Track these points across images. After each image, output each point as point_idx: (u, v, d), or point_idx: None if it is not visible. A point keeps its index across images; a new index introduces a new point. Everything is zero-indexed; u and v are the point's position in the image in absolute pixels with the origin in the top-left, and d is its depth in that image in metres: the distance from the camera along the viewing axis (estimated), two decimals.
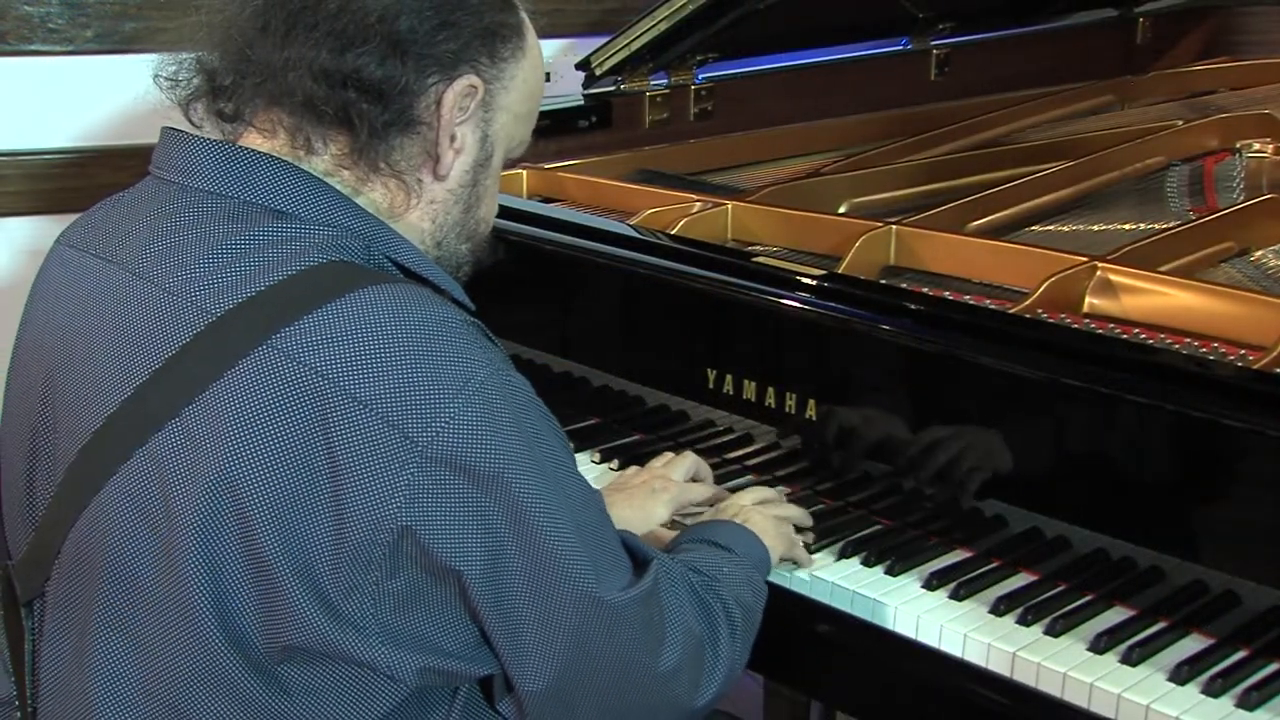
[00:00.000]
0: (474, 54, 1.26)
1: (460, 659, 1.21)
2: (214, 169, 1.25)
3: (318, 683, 1.17)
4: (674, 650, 1.28)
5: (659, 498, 1.61)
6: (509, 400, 1.16)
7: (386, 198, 1.27)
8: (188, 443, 1.15)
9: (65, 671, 1.24)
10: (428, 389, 1.12)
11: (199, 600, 1.14)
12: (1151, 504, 1.43)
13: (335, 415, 1.12)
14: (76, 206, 1.43)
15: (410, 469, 1.11)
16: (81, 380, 1.24)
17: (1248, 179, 2.15)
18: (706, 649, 1.33)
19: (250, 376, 1.14)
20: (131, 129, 2.80)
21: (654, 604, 1.27)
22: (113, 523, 1.19)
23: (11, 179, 2.73)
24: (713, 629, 1.34)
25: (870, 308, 1.62)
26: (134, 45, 2.72)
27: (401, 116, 1.23)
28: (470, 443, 1.13)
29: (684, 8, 2.23)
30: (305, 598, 1.13)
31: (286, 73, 1.21)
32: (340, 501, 1.12)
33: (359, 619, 1.14)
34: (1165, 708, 1.30)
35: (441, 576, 1.16)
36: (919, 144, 2.40)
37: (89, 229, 1.35)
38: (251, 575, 1.14)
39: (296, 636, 1.14)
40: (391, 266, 1.24)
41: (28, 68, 2.70)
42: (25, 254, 2.75)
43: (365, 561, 1.13)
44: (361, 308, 1.15)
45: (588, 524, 1.22)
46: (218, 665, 1.15)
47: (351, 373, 1.12)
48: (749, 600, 1.41)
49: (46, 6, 2.69)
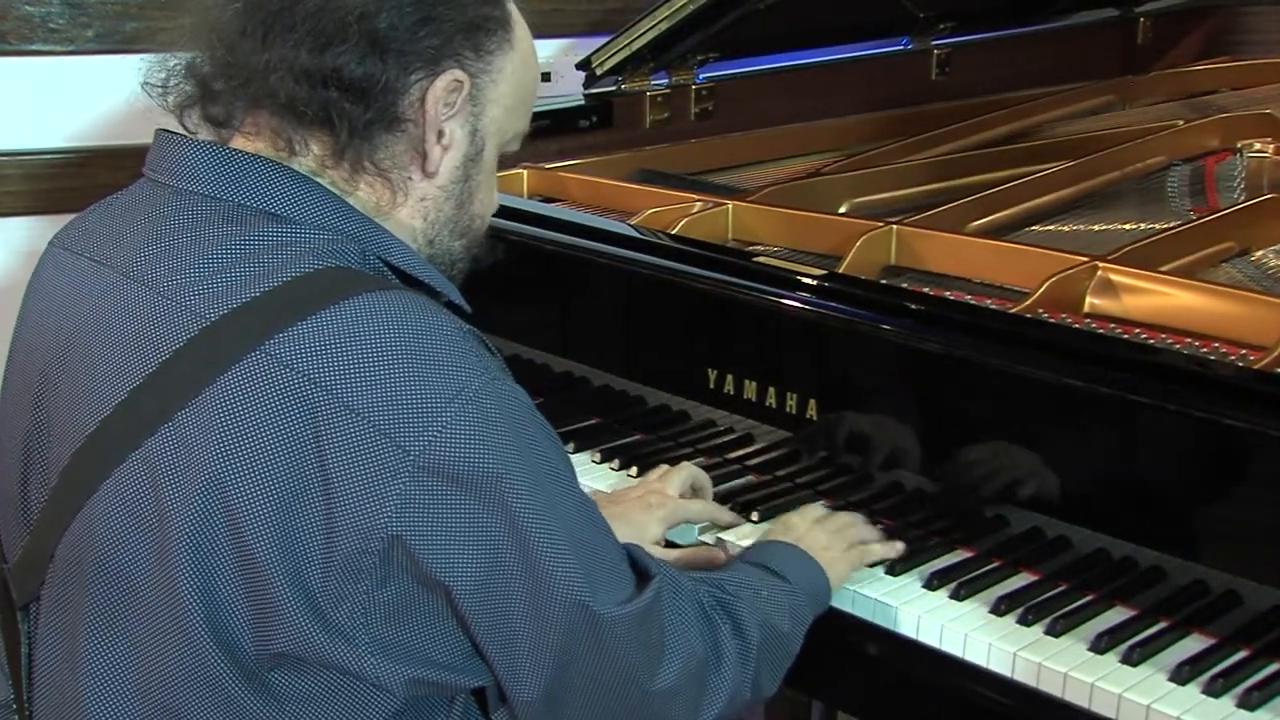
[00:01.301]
0: (458, 48, 1.24)
1: (451, 670, 1.20)
2: (208, 172, 1.24)
3: (309, 691, 1.17)
4: (672, 669, 1.26)
5: (653, 514, 1.59)
6: (504, 410, 1.15)
7: (373, 197, 1.26)
8: (180, 446, 1.15)
9: (59, 674, 1.24)
10: (421, 397, 1.12)
11: (190, 604, 1.14)
12: (1152, 504, 1.43)
13: (327, 423, 1.11)
14: (76, 207, 1.42)
15: (402, 478, 1.11)
16: (75, 383, 1.24)
17: (1249, 179, 2.15)
18: (710, 670, 1.30)
19: (243, 382, 1.13)
20: (131, 129, 2.78)
21: (653, 620, 1.25)
22: (106, 526, 1.19)
23: (12, 179, 2.72)
24: (717, 650, 1.31)
25: (871, 308, 1.62)
26: (135, 45, 2.71)
27: (384, 115, 1.22)
28: (463, 452, 1.12)
29: (684, 8, 2.23)
30: (296, 604, 1.12)
31: (268, 75, 1.20)
32: (331, 509, 1.11)
33: (348, 628, 1.14)
34: (1166, 708, 1.30)
35: (432, 586, 1.15)
36: (920, 144, 2.40)
37: (83, 231, 1.34)
38: (242, 580, 1.14)
39: (287, 643, 1.14)
40: (387, 270, 1.24)
41: (28, 68, 2.69)
42: (25, 254, 2.74)
43: (355, 570, 1.12)
44: (356, 315, 1.14)
45: (583, 536, 1.21)
46: (208, 670, 1.15)
47: (345, 380, 1.12)
48: (781, 627, 1.38)
49: (47, 6, 2.69)
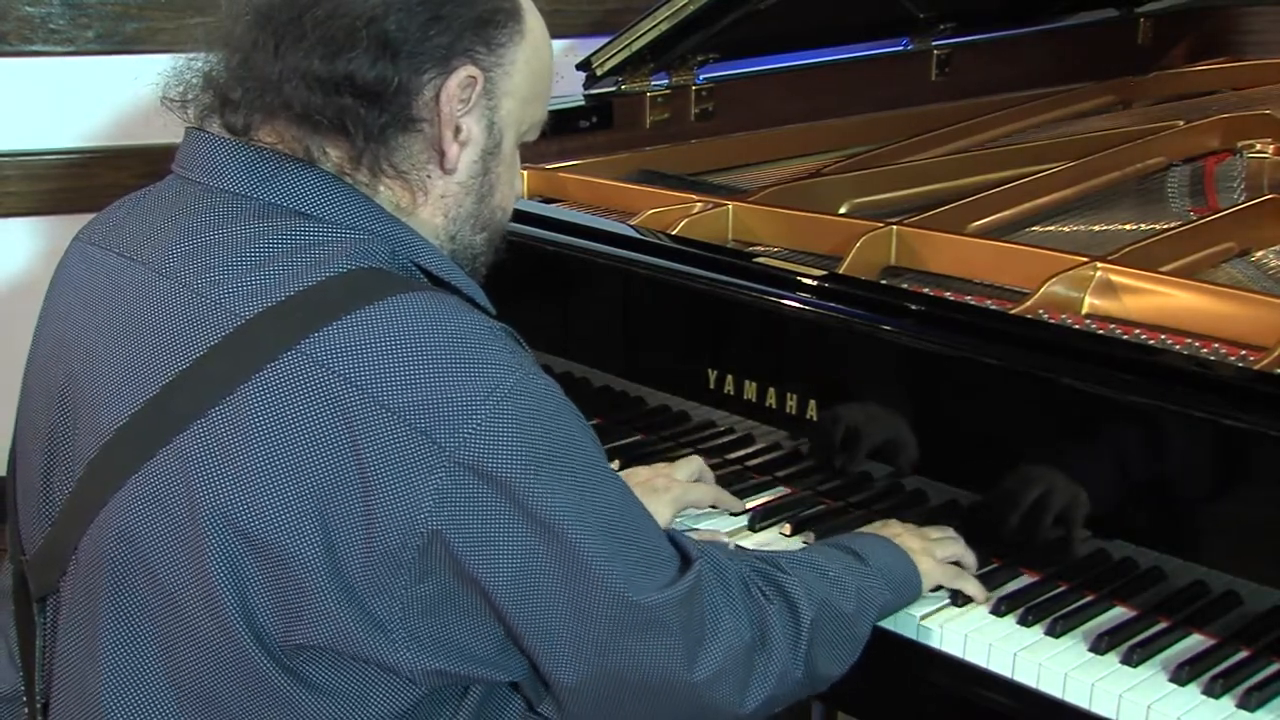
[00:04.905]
0: (468, 44, 1.24)
1: (486, 664, 1.21)
2: (238, 170, 1.25)
3: (334, 682, 1.18)
4: (715, 653, 1.26)
5: (661, 497, 1.61)
6: (538, 405, 1.16)
7: (393, 198, 1.27)
8: (214, 443, 1.15)
9: (80, 666, 1.24)
10: (455, 395, 1.12)
11: (224, 596, 1.14)
12: (1152, 504, 1.43)
13: (362, 421, 1.12)
14: (77, 207, 1.43)
15: (439, 474, 1.11)
16: (103, 377, 1.24)
17: (1249, 179, 2.15)
18: (756, 651, 1.29)
19: (278, 381, 1.14)
20: (132, 129, 2.80)
21: (694, 604, 1.25)
22: (133, 519, 1.19)
23: (12, 179, 2.73)
24: (764, 631, 1.30)
25: (871, 308, 1.62)
26: (135, 46, 2.72)
27: (399, 116, 1.22)
28: (498, 449, 1.12)
29: (685, 8, 2.23)
30: (335, 598, 1.13)
31: (282, 85, 1.21)
32: (370, 505, 1.12)
33: (386, 621, 1.14)
34: (1166, 708, 1.31)
35: (470, 581, 1.15)
36: (920, 144, 2.40)
37: (110, 227, 1.34)
38: (275, 575, 1.14)
39: (322, 636, 1.15)
40: (417, 271, 1.24)
41: (29, 68, 2.70)
42: (27, 254, 2.75)
43: (395, 565, 1.13)
44: (390, 315, 1.15)
45: (621, 526, 1.21)
46: (243, 656, 1.16)
47: (379, 380, 1.12)
48: (844, 608, 1.37)
49: (48, 7, 2.69)
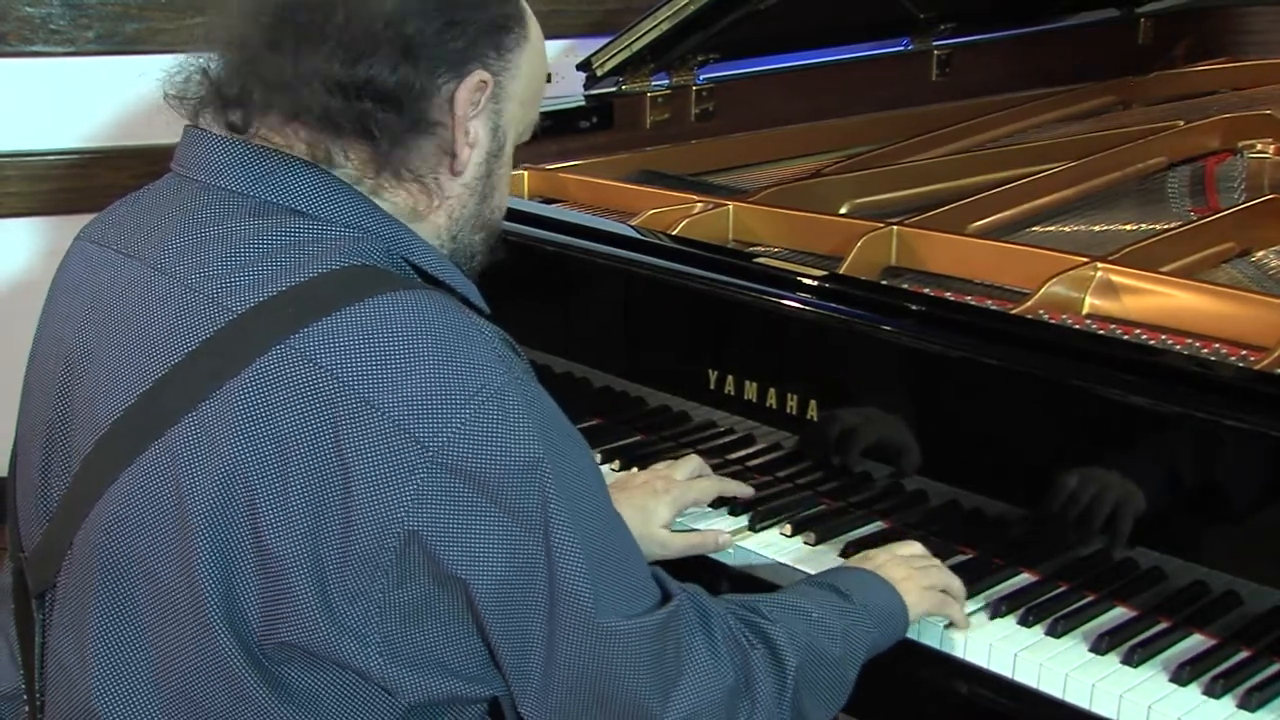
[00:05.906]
0: (482, 49, 1.25)
1: (464, 678, 1.20)
2: (235, 168, 1.25)
3: (316, 688, 1.17)
4: (688, 694, 1.23)
5: (661, 498, 1.61)
6: (525, 410, 1.15)
7: (409, 201, 1.26)
8: (202, 436, 1.16)
9: (70, 662, 1.25)
10: (440, 395, 1.12)
11: (208, 593, 1.14)
12: (1153, 504, 1.43)
13: (347, 417, 1.12)
14: (78, 207, 1.43)
15: (419, 474, 1.11)
16: (99, 373, 1.24)
17: (1249, 179, 2.15)
18: (740, 698, 1.27)
19: (266, 375, 1.14)
20: (132, 130, 2.80)
21: (668, 640, 1.23)
22: (124, 513, 1.19)
23: (12, 180, 2.73)
24: (749, 677, 1.27)
25: (871, 308, 1.62)
26: (135, 46, 2.72)
27: (418, 120, 1.23)
28: (480, 451, 1.12)
29: (685, 8, 2.23)
30: (312, 596, 1.13)
31: (300, 88, 1.21)
32: (349, 503, 1.12)
33: (360, 626, 1.14)
34: (1167, 708, 1.31)
35: (450, 586, 1.15)
36: (920, 144, 2.40)
37: (110, 225, 1.35)
38: (259, 570, 1.14)
39: (297, 634, 1.14)
40: (411, 270, 1.24)
41: (29, 69, 2.70)
42: (27, 255, 2.75)
43: (372, 566, 1.13)
44: (381, 312, 1.15)
45: (599, 544, 1.19)
46: (222, 658, 1.15)
47: (366, 377, 1.12)
48: (830, 651, 1.34)
49: (48, 8, 2.69)
